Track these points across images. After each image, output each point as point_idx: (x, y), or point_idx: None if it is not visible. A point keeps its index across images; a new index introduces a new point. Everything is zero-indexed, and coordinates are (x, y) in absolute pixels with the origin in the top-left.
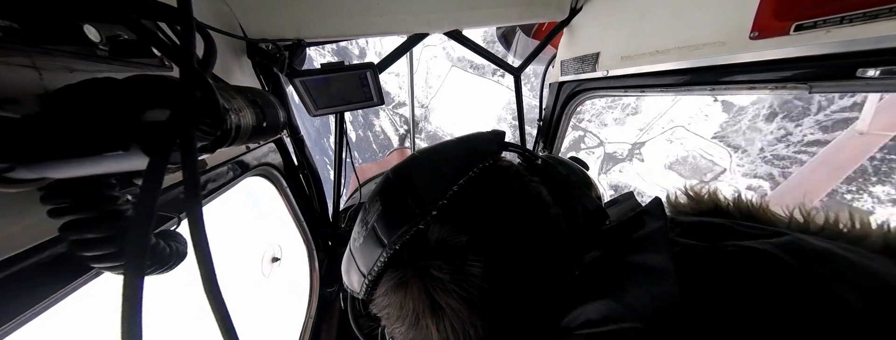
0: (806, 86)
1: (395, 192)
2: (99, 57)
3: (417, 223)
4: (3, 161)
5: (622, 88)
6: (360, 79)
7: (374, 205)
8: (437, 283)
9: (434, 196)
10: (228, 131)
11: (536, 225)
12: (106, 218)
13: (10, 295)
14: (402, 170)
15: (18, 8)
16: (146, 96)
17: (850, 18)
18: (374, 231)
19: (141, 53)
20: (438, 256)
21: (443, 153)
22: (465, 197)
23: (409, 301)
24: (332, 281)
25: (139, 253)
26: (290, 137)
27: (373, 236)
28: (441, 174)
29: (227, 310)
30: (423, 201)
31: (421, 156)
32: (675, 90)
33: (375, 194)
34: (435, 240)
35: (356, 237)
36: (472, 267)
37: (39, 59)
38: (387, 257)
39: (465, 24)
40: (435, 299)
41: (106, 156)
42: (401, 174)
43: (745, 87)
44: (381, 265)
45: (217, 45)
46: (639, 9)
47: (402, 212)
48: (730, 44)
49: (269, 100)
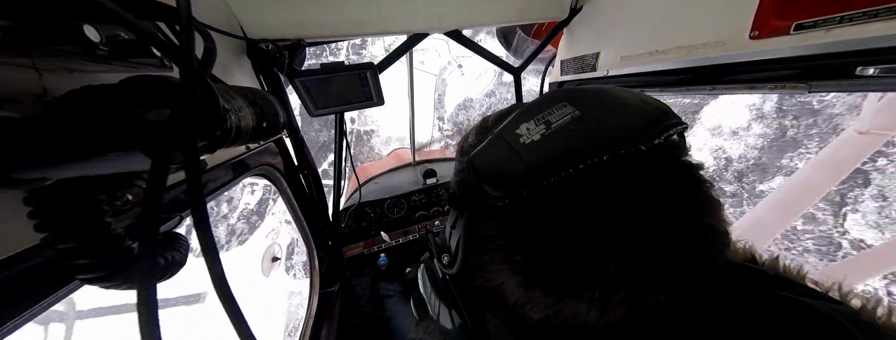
0: (805, 86)
1: (614, 102)
2: (99, 57)
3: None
4: (2, 161)
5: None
6: (361, 80)
7: (585, 106)
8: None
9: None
10: (228, 131)
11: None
12: (93, 246)
13: (7, 297)
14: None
15: (17, 8)
16: (144, 96)
17: (850, 18)
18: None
19: (141, 53)
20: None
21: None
22: None
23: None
24: (332, 281)
25: (146, 278)
26: (290, 137)
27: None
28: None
29: (238, 307)
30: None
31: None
32: (675, 89)
33: (581, 98)
34: None
35: (531, 131)
36: None
37: (39, 59)
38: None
39: (464, 23)
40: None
41: (105, 157)
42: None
43: (745, 87)
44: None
45: (217, 45)
46: (639, 9)
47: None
48: (730, 43)
49: (269, 100)
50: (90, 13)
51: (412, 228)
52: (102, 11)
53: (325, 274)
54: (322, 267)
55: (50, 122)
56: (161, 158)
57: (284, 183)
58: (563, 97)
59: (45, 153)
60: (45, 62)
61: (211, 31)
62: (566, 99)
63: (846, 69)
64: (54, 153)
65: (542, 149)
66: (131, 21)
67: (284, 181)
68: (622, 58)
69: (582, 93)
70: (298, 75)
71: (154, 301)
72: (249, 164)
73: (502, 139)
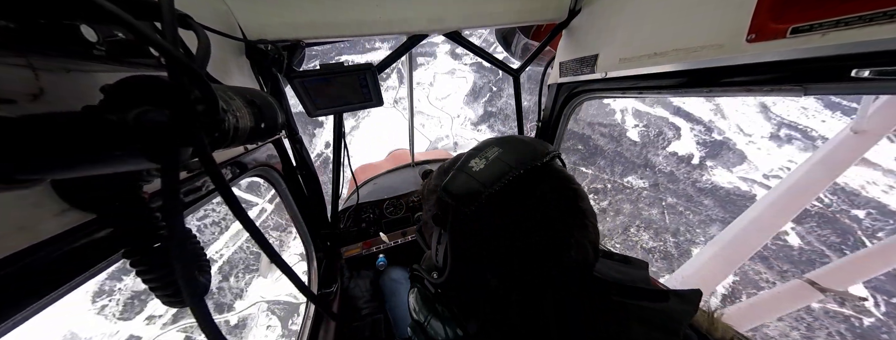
0: (801, 88)
1: (520, 143)
2: (96, 57)
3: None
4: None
5: (621, 90)
6: (360, 81)
7: (504, 146)
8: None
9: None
10: (226, 132)
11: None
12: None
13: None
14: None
15: (14, 7)
16: (141, 96)
17: (846, 21)
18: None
19: (139, 53)
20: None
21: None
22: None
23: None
24: (330, 282)
25: (197, 301)
26: (289, 138)
27: (512, 158)
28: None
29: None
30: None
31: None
32: (672, 91)
33: (501, 142)
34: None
35: (477, 163)
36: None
37: (35, 59)
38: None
39: (464, 24)
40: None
41: (104, 157)
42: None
43: (742, 89)
44: (512, 177)
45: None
46: (637, 11)
47: (532, 151)
48: (727, 46)
49: (267, 101)
50: (86, 13)
51: (411, 229)
52: (96, 10)
53: (324, 274)
54: (320, 268)
55: (47, 121)
56: (170, 162)
57: (283, 184)
58: (493, 143)
59: (42, 153)
60: (42, 62)
61: (209, 31)
62: (495, 144)
63: (841, 72)
64: (51, 154)
65: (487, 171)
66: (123, 17)
67: (283, 182)
68: (621, 61)
69: (502, 140)
70: (297, 76)
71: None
72: (247, 165)
73: (462, 171)
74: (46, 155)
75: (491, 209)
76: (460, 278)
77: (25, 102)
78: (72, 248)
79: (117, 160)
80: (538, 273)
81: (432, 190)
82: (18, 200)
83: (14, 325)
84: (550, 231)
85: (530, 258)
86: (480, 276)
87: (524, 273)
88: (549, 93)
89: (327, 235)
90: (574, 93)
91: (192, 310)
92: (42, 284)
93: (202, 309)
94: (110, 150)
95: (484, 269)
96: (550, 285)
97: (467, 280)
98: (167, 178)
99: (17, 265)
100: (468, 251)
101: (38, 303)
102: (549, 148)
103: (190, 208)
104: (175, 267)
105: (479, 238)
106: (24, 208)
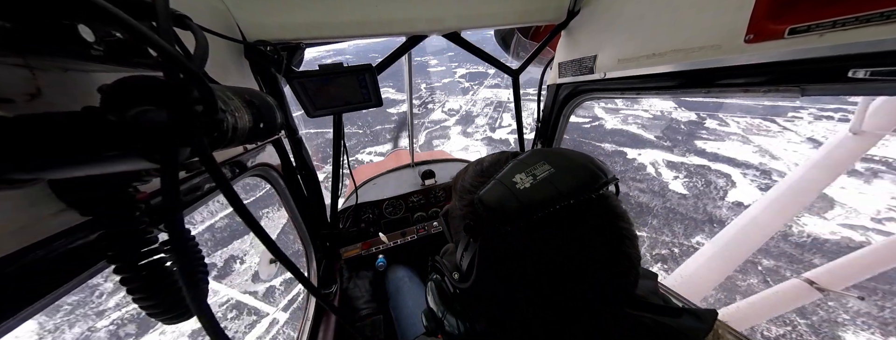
0: (798, 89)
1: (576, 166)
2: (94, 56)
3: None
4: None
5: (619, 91)
6: (359, 81)
7: (557, 165)
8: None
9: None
10: (225, 132)
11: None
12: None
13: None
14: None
15: (11, 7)
16: (139, 96)
17: (843, 22)
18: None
19: (137, 53)
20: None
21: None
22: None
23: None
24: (329, 282)
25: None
26: (288, 138)
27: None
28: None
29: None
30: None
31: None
32: (671, 92)
33: (554, 160)
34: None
35: (523, 180)
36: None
37: (33, 59)
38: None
39: (463, 25)
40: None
41: (102, 157)
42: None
43: (740, 90)
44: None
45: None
46: (636, 12)
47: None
48: (725, 47)
49: (266, 101)
50: (84, 12)
51: (410, 229)
52: (94, 10)
53: (323, 275)
54: (319, 269)
55: (45, 121)
56: (169, 162)
57: (282, 184)
58: (542, 157)
59: (40, 153)
60: (40, 61)
61: (208, 32)
62: (544, 159)
63: (839, 72)
64: (50, 153)
65: (532, 193)
66: (121, 17)
67: (282, 182)
68: (619, 61)
69: (554, 157)
70: (297, 76)
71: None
72: (247, 165)
73: (503, 184)
74: (44, 154)
75: (529, 234)
76: (485, 291)
77: (23, 102)
78: (70, 248)
79: (115, 160)
80: (570, 305)
81: (468, 190)
82: (16, 200)
83: (13, 325)
84: (588, 271)
85: (563, 290)
86: (508, 295)
87: (555, 301)
88: (548, 94)
89: (326, 235)
90: (573, 93)
91: (200, 319)
92: (41, 284)
93: (210, 319)
94: (108, 150)
95: (513, 289)
96: (585, 310)
97: (492, 293)
98: (166, 178)
99: (15, 265)
100: (498, 268)
101: (37, 304)
102: (606, 174)
103: (189, 208)
104: (179, 272)
105: (512, 261)
106: (22, 208)
